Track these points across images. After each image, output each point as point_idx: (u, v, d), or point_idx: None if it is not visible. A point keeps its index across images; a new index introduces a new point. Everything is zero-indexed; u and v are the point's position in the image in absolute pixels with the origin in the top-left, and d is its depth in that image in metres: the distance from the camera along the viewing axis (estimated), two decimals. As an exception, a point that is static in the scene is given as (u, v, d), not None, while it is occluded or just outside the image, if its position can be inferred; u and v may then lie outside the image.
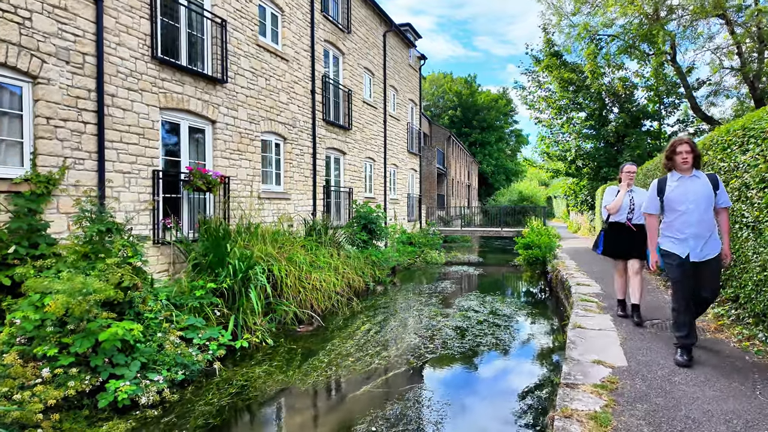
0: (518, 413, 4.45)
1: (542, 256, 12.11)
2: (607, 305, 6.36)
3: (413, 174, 20.61)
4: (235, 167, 9.05)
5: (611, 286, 7.96)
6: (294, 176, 11.03)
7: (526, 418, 4.33)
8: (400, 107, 18.56)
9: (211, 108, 8.46)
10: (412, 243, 17.51)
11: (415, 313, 8.60)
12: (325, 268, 8.94)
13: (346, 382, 5.34)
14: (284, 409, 4.81)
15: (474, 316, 8.33)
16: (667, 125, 19.09)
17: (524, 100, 20.67)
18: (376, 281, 11.18)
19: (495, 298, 9.92)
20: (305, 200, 11.49)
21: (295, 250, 8.76)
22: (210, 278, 7.03)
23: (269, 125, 10.08)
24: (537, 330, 7.51)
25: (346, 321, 8.05)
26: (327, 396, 5.09)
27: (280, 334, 7.21)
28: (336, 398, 5.06)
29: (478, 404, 4.80)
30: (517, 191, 37.33)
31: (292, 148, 10.94)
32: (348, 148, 13.75)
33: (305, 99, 11.52)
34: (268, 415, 4.71)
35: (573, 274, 9.25)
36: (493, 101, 60.37)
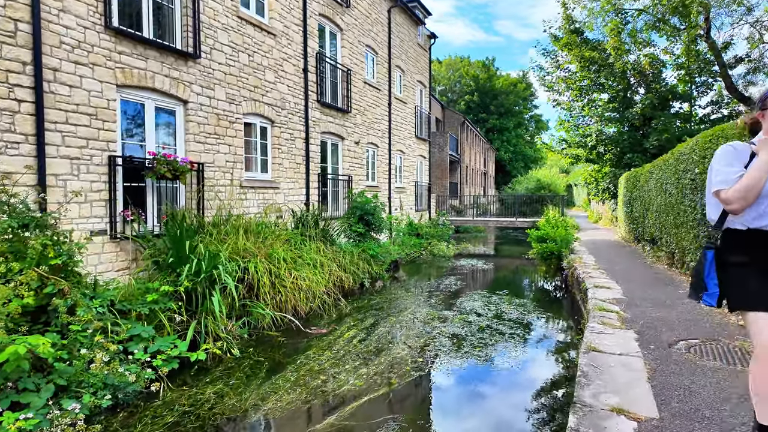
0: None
1: (558, 251, 11.02)
2: (630, 316, 5.31)
3: (422, 161, 19.52)
4: (211, 152, 8.17)
5: (635, 289, 6.88)
6: (284, 163, 10.12)
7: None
8: (407, 89, 17.43)
9: (182, 86, 7.56)
10: (419, 234, 16.53)
11: (409, 316, 7.66)
12: (311, 265, 8.04)
13: (307, 410, 4.45)
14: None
15: (476, 320, 7.35)
16: (699, 107, 17.57)
17: (542, 80, 19.32)
18: (374, 277, 10.26)
19: (502, 298, 8.91)
20: (297, 189, 10.59)
21: (277, 245, 7.88)
22: (171, 278, 6.20)
23: (253, 106, 9.16)
24: (547, 343, 6.49)
25: (330, 325, 7.16)
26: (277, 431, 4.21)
27: (252, 341, 6.37)
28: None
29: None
30: (534, 179, 35.83)
31: (281, 132, 10.01)
32: (347, 133, 12.77)
33: (296, 78, 10.55)
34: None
35: (591, 273, 8.17)
36: (512, 85, 58.36)
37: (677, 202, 7.69)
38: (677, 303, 5.95)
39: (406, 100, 17.31)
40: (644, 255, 10.79)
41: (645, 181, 10.95)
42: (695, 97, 17.33)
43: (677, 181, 7.67)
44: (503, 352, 5.86)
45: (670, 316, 5.26)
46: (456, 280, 11.08)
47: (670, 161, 8.18)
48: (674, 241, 8.05)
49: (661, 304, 5.93)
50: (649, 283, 7.39)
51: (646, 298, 6.34)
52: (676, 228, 7.84)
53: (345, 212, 11.47)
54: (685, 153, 7.26)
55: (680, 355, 3.96)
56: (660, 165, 9.22)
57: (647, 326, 4.83)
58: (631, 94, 17.69)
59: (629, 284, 7.32)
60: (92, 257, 6.20)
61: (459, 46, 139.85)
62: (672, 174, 8.03)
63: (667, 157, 8.53)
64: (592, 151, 18.27)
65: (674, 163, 7.91)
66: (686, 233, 7.21)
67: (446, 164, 25.73)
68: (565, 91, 19.00)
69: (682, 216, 7.38)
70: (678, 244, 7.77)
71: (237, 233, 7.82)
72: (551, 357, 5.81)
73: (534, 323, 7.25)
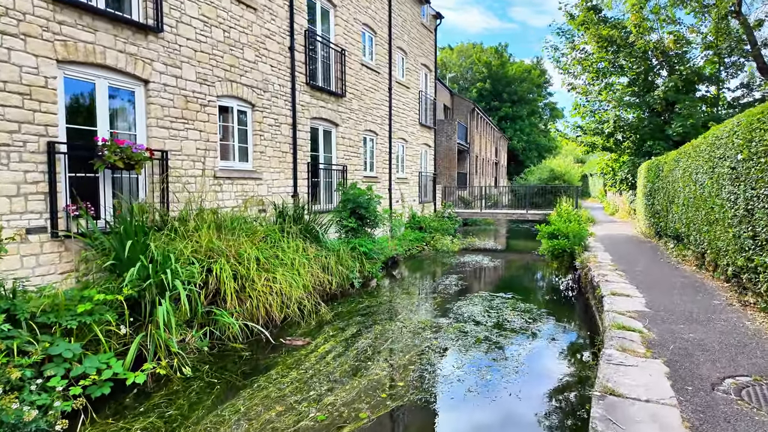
0: None
1: (570, 248, 9.98)
2: (657, 338, 4.32)
3: (426, 150, 18.48)
4: (178, 139, 7.30)
5: (659, 297, 5.86)
6: (267, 151, 9.22)
7: None
8: (410, 73, 16.36)
9: (141, 64, 6.68)
10: (421, 228, 15.58)
11: (398, 324, 6.76)
12: (290, 265, 7.17)
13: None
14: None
15: (473, 331, 6.41)
16: (728, 89, 16.34)
17: (556, 62, 18.05)
18: (367, 277, 9.37)
19: (506, 302, 7.95)
20: (283, 180, 9.69)
21: (249, 244, 7.01)
22: (116, 284, 5.38)
23: (229, 88, 8.25)
24: (554, 364, 5.53)
25: (308, 335, 6.29)
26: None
27: (212, 356, 5.53)
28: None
29: None
30: (548, 169, 34.46)
31: (263, 116, 9.09)
32: (341, 119, 11.81)
33: (281, 58, 9.60)
34: None
35: (606, 276, 7.15)
36: (525, 72, 56.61)
37: (711, 195, 6.61)
38: (714, 318, 4.93)
39: (409, 84, 16.25)
40: (667, 253, 9.70)
41: (669, 170, 9.83)
42: (724, 79, 15.98)
43: (711, 169, 6.59)
44: (496, 384, 4.87)
45: (708, 337, 4.26)
46: (458, 279, 10.12)
47: (702, 147, 7.08)
48: (706, 240, 6.98)
49: (694, 319, 4.92)
50: (676, 290, 6.36)
51: (673, 310, 5.33)
52: (708, 225, 6.77)
53: (337, 205, 10.55)
54: (722, 137, 6.17)
55: (729, 403, 2.97)
56: (689, 152, 8.11)
57: (680, 353, 3.84)
58: (653, 76, 16.39)
59: (652, 291, 6.30)
60: (29, 259, 5.39)
61: (473, 34, 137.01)
62: (705, 162, 6.94)
63: (698, 142, 7.43)
64: (610, 138, 17.05)
65: (708, 148, 6.81)
66: (722, 232, 6.15)
67: (454, 153, 24.62)
68: (581, 74, 17.76)
69: (717, 211, 6.31)
70: (711, 243, 6.70)
71: (208, 229, 6.98)
72: (556, 396, 4.84)
73: (539, 336, 6.28)
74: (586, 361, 5.29)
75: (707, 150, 6.81)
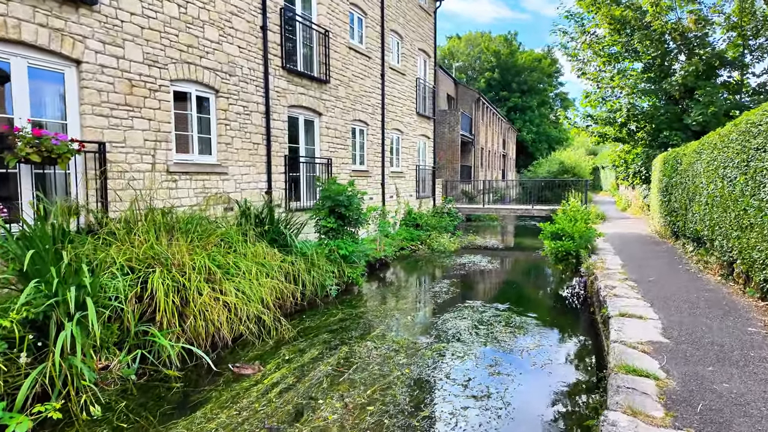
0: None
1: (575, 250, 8.91)
2: (679, 388, 3.28)
3: (425, 141, 17.39)
4: (121, 129, 6.36)
5: (680, 320, 4.78)
6: (234, 142, 8.26)
7: None
8: (406, 59, 15.25)
9: (70, 41, 5.73)
10: (418, 225, 14.57)
11: (369, 344, 5.79)
12: (246, 274, 6.22)
13: None
14: None
15: (455, 354, 5.43)
16: (752, 75, 14.83)
17: (563, 48, 16.83)
18: (347, 282, 8.42)
19: (499, 315, 6.94)
20: (254, 175, 8.73)
21: (200, 249, 6.07)
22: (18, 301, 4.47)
23: (186, 71, 7.29)
24: (549, 412, 4.53)
25: (260, 360, 5.36)
26: None
27: (139, 387, 4.62)
28: None
29: None
30: (557, 161, 33.09)
31: (228, 104, 8.13)
32: (325, 108, 10.80)
33: (252, 39, 8.60)
34: None
35: (615, 289, 6.10)
36: (535, 61, 54.94)
37: (744, 194, 5.52)
38: (753, 357, 3.87)
39: (405, 71, 15.15)
40: (686, 258, 8.59)
41: (689, 163, 8.69)
42: (748, 63, 14.62)
43: (745, 163, 5.49)
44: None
45: (749, 390, 3.22)
46: (449, 285, 9.12)
47: (733, 136, 5.96)
48: (736, 248, 5.88)
49: (726, 357, 3.87)
50: (699, 309, 5.29)
51: (699, 341, 4.29)
52: (740, 230, 5.67)
53: (316, 203, 9.58)
54: (760, 123, 5.06)
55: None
56: (714, 142, 6.98)
57: (712, 420, 2.81)
58: (670, 61, 15.09)
59: (669, 310, 5.24)
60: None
61: (484, 24, 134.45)
62: (736, 154, 5.83)
63: (727, 130, 6.30)
64: (622, 128, 15.84)
65: (740, 138, 5.70)
66: (759, 239, 5.07)
67: (457, 145, 23.50)
68: (593, 61, 16.50)
69: (753, 215, 5.22)
70: (743, 252, 5.61)
71: (155, 232, 6.08)
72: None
73: (535, 364, 5.27)
74: (586, 416, 4.28)
75: (739, 139, 5.70)
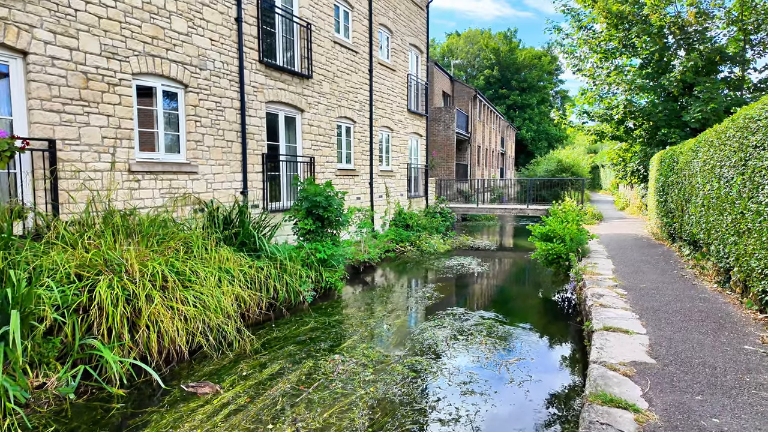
0: None
1: (566, 253, 8.48)
2: (663, 423, 2.86)
3: (417, 139, 16.95)
4: (75, 125, 5.95)
5: (670, 335, 4.33)
6: (205, 140, 7.84)
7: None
8: (396, 54, 14.80)
9: (15, 31, 5.32)
10: (409, 226, 14.15)
11: (337, 357, 5.38)
12: (208, 281, 5.81)
13: None
14: None
15: (426, 370, 5.01)
16: (754, 70, 14.44)
17: (559, 45, 16.40)
18: (325, 288, 8.01)
19: (483, 324, 6.52)
20: (228, 174, 8.32)
21: (158, 254, 5.66)
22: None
23: (151, 64, 6.87)
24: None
25: (217, 375, 4.95)
26: None
27: (76, 408, 4.22)
28: None
29: None
30: (555, 160, 32.55)
31: (199, 99, 7.71)
32: (308, 104, 10.37)
33: (225, 31, 8.17)
34: None
35: (603, 298, 5.67)
36: (535, 59, 54.45)
37: (741, 196, 5.09)
38: (749, 383, 3.44)
39: (395, 66, 14.70)
40: (681, 261, 8.16)
41: (685, 162, 8.25)
42: (750, 59, 14.16)
43: (742, 162, 5.05)
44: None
45: (743, 425, 2.80)
46: (434, 290, 8.70)
47: (730, 132, 5.52)
48: (732, 254, 5.45)
49: (719, 382, 3.44)
50: (692, 322, 4.87)
51: (688, 361, 3.86)
52: (737, 234, 5.24)
53: (294, 203, 9.16)
54: (759, 118, 4.63)
55: None
56: (710, 140, 6.54)
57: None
58: (669, 56, 14.62)
59: (660, 322, 4.81)
60: None
61: (485, 22, 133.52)
62: (733, 152, 5.40)
63: (725, 126, 5.86)
64: (620, 126, 15.41)
65: (737, 135, 5.26)
66: (757, 246, 4.64)
67: (453, 143, 23.04)
68: (590, 57, 16.05)
69: (751, 219, 4.79)
70: (740, 260, 5.17)
71: (115, 236, 5.69)
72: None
73: (512, 381, 4.84)
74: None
75: (737, 136, 5.26)
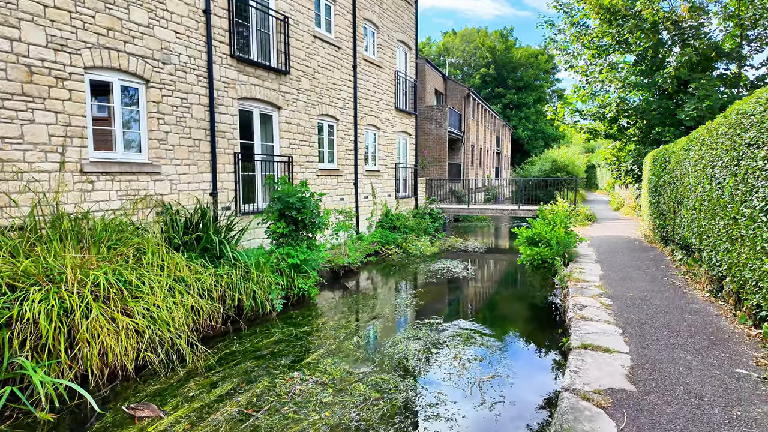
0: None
1: (551, 258, 8.06)
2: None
3: (406, 138, 16.51)
4: (16, 123, 5.50)
5: (655, 355, 3.91)
6: (169, 138, 7.40)
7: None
8: (383, 50, 14.36)
9: (-55, 18, 4.87)
10: (396, 228, 13.72)
11: (296, 374, 4.95)
12: (160, 290, 5.38)
13: None
14: None
15: (394, 389, 4.58)
16: (750, 67, 13.99)
17: (552, 42, 15.99)
18: (298, 295, 7.58)
19: (461, 335, 6.09)
20: (196, 175, 7.87)
21: (98, 262, 5.23)
22: None
23: (106, 57, 6.42)
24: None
25: (162, 395, 4.52)
26: None
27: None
28: None
29: None
30: (550, 159, 32.15)
31: (162, 95, 7.26)
32: (285, 101, 9.92)
33: (192, 23, 7.73)
34: None
35: (585, 309, 5.24)
36: (532, 57, 54.01)
37: (734, 200, 4.67)
38: (738, 411, 3.02)
39: (382, 63, 14.26)
40: (673, 266, 7.75)
41: (677, 161, 7.83)
42: (746, 55, 13.76)
43: (735, 162, 4.63)
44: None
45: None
46: (415, 296, 8.28)
47: (722, 129, 5.10)
48: (725, 262, 5.03)
49: (705, 415, 3.01)
50: (680, 338, 4.45)
51: (673, 388, 3.43)
52: (729, 241, 4.81)
53: (267, 205, 8.71)
54: (753, 112, 4.21)
55: None
56: (702, 138, 6.12)
57: None
58: (663, 53, 14.21)
59: (645, 339, 4.39)
60: None
61: (485, 22, 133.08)
62: (725, 151, 4.98)
63: (716, 123, 5.44)
64: (613, 124, 14.99)
65: (729, 132, 4.84)
66: (751, 255, 4.21)
67: (445, 142, 22.60)
68: (582, 54, 15.63)
69: (744, 225, 4.37)
70: (732, 268, 4.75)
71: (63, 242, 5.26)
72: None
73: (483, 402, 4.42)
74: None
75: (729, 134, 4.84)
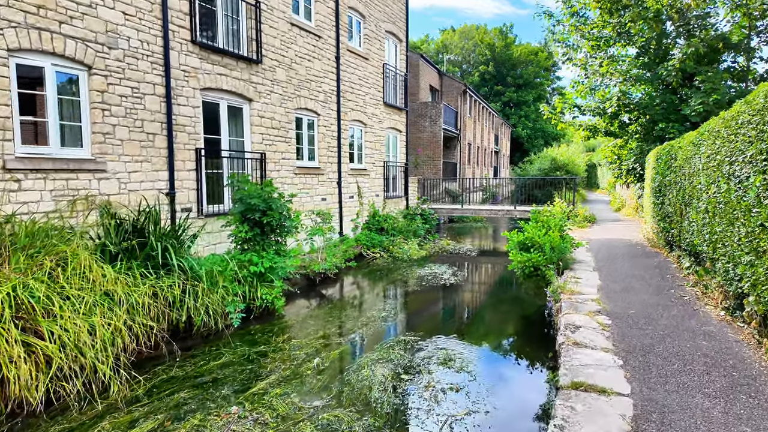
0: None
1: (544, 265, 7.26)
2: None
3: (396, 135, 15.71)
4: None
5: (666, 391, 3.10)
6: (117, 132, 6.61)
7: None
8: (370, 41, 13.55)
9: None
10: (383, 230, 12.93)
11: (235, 409, 4.16)
12: (80, 307, 4.60)
13: None
14: None
15: (347, 431, 3.80)
16: (759, 59, 13.24)
17: (551, 33, 15.19)
18: (261, 307, 6.78)
19: (438, 356, 5.31)
20: (149, 172, 7.09)
21: (10, 273, 4.45)
22: None
23: (36, 39, 5.63)
24: None
25: None
26: None
27: None
28: None
29: None
30: (549, 158, 31.30)
31: (108, 84, 6.47)
32: (257, 93, 9.13)
33: (146, 3, 6.94)
34: None
35: (579, 330, 4.45)
36: (531, 54, 53.14)
37: (761, 202, 3.87)
38: None
39: (369, 55, 13.46)
40: (680, 275, 6.96)
41: (685, 158, 7.04)
42: (755, 48, 12.95)
43: (763, 155, 3.84)
44: None
45: None
46: (392, 308, 7.50)
47: (743, 118, 4.31)
48: (747, 278, 4.22)
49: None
50: (695, 376, 3.65)
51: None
52: (753, 253, 4.01)
53: (231, 207, 7.92)
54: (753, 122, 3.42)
55: None
56: (716, 131, 5.33)
57: None
58: (667, 45, 13.41)
59: (651, 375, 3.59)
60: None
61: (485, 20, 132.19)
62: (749, 143, 4.18)
63: (735, 112, 4.65)
64: (613, 120, 14.19)
65: (753, 119, 4.05)
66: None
67: (440, 140, 21.80)
68: (582, 47, 14.83)
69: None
70: (758, 287, 3.94)
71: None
72: None
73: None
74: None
75: (753, 122, 4.05)
